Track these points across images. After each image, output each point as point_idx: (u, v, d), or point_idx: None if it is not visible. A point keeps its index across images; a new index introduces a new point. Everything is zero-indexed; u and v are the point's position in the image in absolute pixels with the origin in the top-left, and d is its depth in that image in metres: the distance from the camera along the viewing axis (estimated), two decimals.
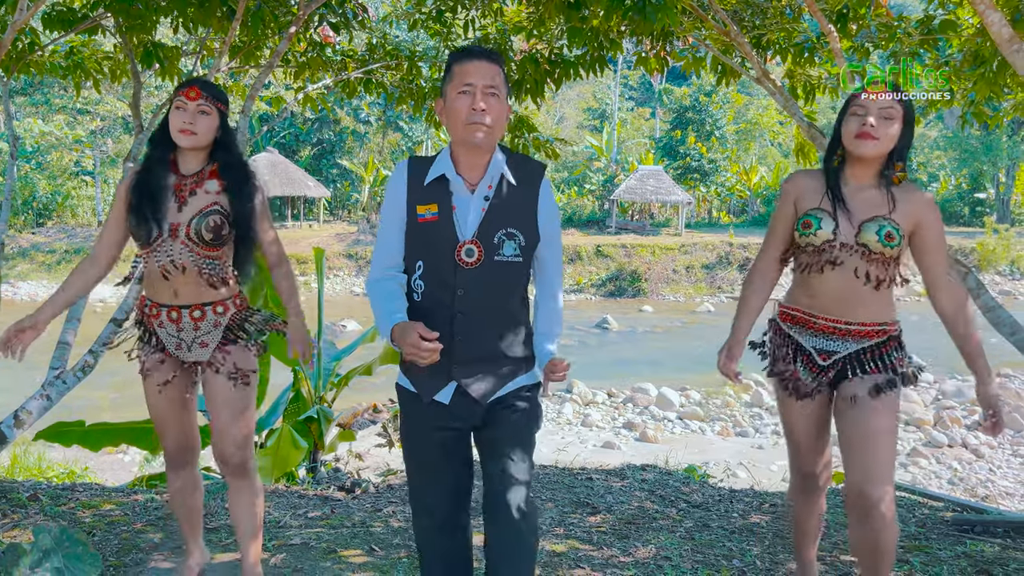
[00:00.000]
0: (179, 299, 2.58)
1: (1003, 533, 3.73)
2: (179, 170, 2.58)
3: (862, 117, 2.35)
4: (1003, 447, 11.40)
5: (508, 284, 2.16)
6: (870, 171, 2.42)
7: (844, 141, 2.39)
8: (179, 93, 2.53)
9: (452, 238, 2.10)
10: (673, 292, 27.55)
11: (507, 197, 2.15)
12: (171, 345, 2.63)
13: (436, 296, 2.13)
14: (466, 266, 2.10)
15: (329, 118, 34.72)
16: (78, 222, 32.22)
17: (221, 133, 2.58)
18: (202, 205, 2.54)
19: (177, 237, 2.52)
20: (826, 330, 2.45)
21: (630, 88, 52.12)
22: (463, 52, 2.13)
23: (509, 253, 2.12)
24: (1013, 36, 2.82)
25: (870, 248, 2.35)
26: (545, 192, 2.21)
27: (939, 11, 4.88)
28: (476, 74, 2.07)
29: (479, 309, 2.13)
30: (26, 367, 3.25)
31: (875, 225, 2.35)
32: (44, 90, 29.61)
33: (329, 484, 4.98)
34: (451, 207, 2.12)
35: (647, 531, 3.76)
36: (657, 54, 5.51)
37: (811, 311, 2.46)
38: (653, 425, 12.48)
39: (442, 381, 2.17)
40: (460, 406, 2.18)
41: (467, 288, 2.11)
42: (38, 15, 4.97)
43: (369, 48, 6.34)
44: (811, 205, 2.43)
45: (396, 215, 2.16)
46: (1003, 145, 35.65)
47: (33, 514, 3.76)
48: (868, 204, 2.39)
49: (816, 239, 2.38)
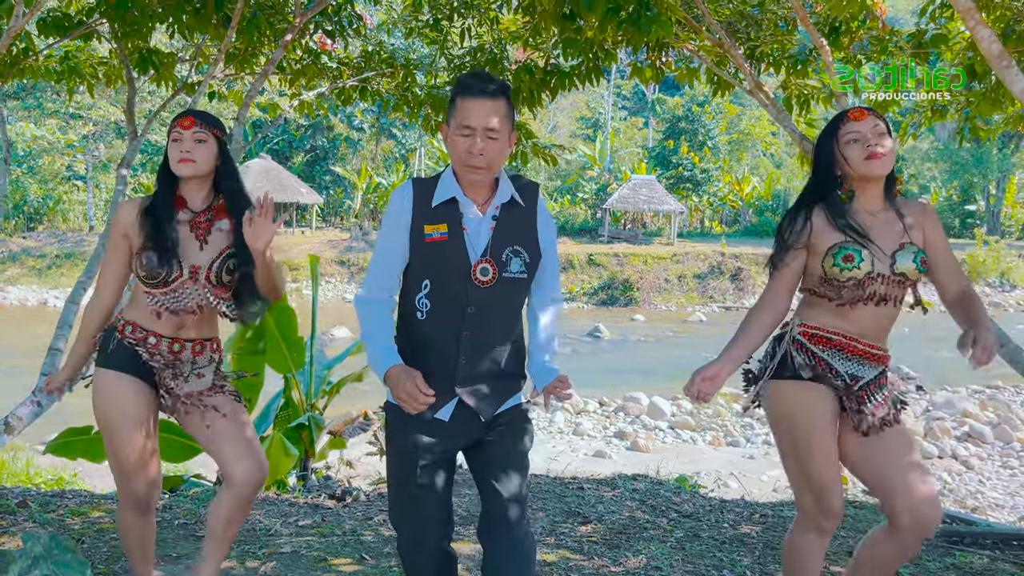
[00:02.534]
0: (182, 332, 2.51)
1: (992, 545, 3.75)
2: (188, 205, 2.50)
3: (862, 140, 2.33)
4: (993, 459, 11.44)
5: (514, 301, 2.22)
6: (877, 194, 2.40)
7: (854, 168, 2.34)
8: (174, 125, 2.47)
9: (464, 258, 2.12)
10: (665, 301, 27.60)
11: (513, 215, 2.20)
12: (167, 376, 2.51)
13: (443, 314, 2.15)
14: (481, 285, 2.13)
15: (322, 125, 34.72)
16: (69, 227, 32.12)
17: (221, 161, 2.52)
18: (221, 247, 2.48)
19: (197, 280, 2.46)
20: (863, 355, 2.39)
21: (623, 98, 52.30)
22: (467, 86, 2.11)
23: (516, 270, 2.16)
24: (1003, 52, 2.85)
25: (908, 276, 2.34)
26: (542, 209, 2.26)
27: (930, 25, 4.92)
28: (476, 116, 2.07)
29: (486, 326, 2.16)
30: (16, 373, 3.23)
31: (909, 253, 2.34)
32: (37, 94, 29.57)
33: (320, 492, 4.97)
34: (462, 228, 2.14)
35: (638, 541, 3.76)
36: (652, 64, 5.54)
37: (851, 335, 2.38)
38: (644, 434, 12.48)
39: (444, 398, 2.16)
40: (459, 423, 2.19)
41: (478, 306, 2.14)
42: (33, 20, 4.97)
43: (365, 56, 6.35)
44: (833, 240, 2.35)
45: (399, 237, 2.17)
46: (994, 158, 35.88)
47: (22, 521, 3.74)
48: (888, 232, 2.37)
49: (859, 272, 2.32)
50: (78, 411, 10.03)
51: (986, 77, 4.76)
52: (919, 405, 13.94)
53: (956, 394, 14.47)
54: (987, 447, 11.89)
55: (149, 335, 2.49)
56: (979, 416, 13.16)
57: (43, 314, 23.06)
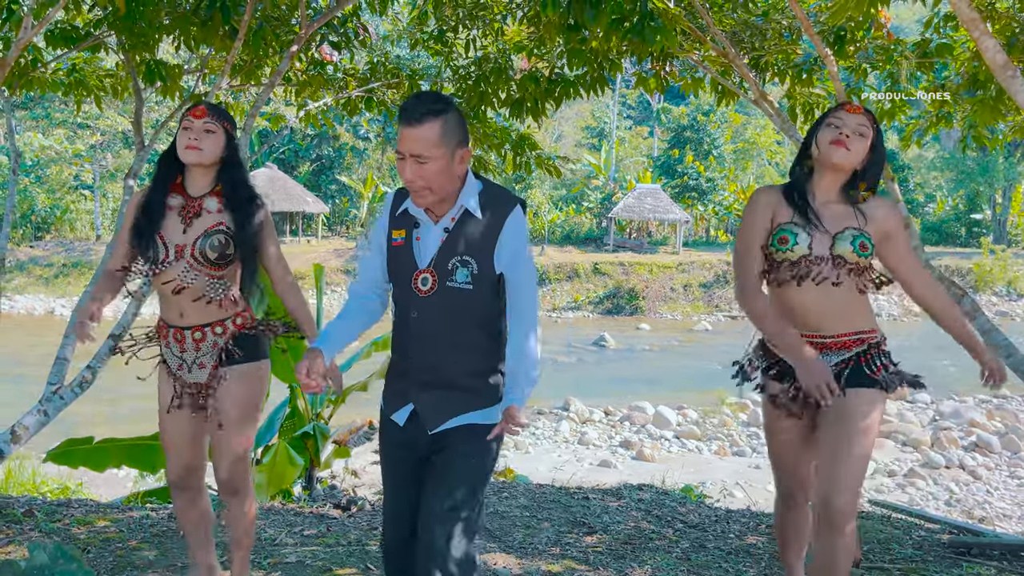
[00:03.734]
0: (184, 320, 2.61)
1: (1000, 556, 3.73)
2: (187, 191, 2.62)
3: (838, 128, 2.41)
4: (1000, 469, 11.39)
5: (462, 311, 2.15)
6: (835, 186, 2.47)
7: (819, 147, 2.44)
8: (186, 114, 2.58)
9: (411, 265, 2.18)
10: (671, 310, 27.56)
11: (468, 227, 2.16)
12: (173, 365, 2.67)
13: (400, 318, 2.23)
14: (420, 294, 2.16)
15: (328, 134, 34.82)
16: (76, 236, 32.22)
17: (227, 153, 2.61)
18: (207, 225, 2.57)
19: (183, 258, 2.55)
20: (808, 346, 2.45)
21: (628, 107, 52.37)
22: (400, 110, 2.12)
23: (461, 280, 2.13)
24: (1008, 62, 2.85)
25: (845, 259, 2.41)
26: (511, 225, 2.16)
27: (935, 35, 4.93)
28: (404, 142, 2.08)
29: (432, 334, 2.17)
30: (23, 382, 3.25)
31: (848, 236, 2.41)
32: (45, 104, 29.70)
33: (325, 501, 4.97)
34: (415, 236, 2.20)
35: (643, 551, 3.75)
36: (656, 74, 5.55)
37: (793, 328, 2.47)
38: (650, 444, 12.45)
39: (400, 401, 2.24)
40: (411, 430, 2.23)
41: (420, 312, 2.17)
42: (41, 32, 5.00)
43: (371, 67, 6.38)
44: (782, 219, 2.46)
45: (378, 239, 2.28)
46: (999, 166, 35.80)
47: (28, 530, 3.75)
48: (837, 217, 2.45)
49: (793, 254, 2.42)
50: (84, 420, 10.00)
51: (988, 86, 4.76)
52: (925, 415, 13.89)
53: (963, 404, 14.40)
54: (994, 457, 11.83)
55: (163, 326, 2.66)
56: (986, 426, 13.11)
57: (50, 323, 23.13)
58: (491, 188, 2.22)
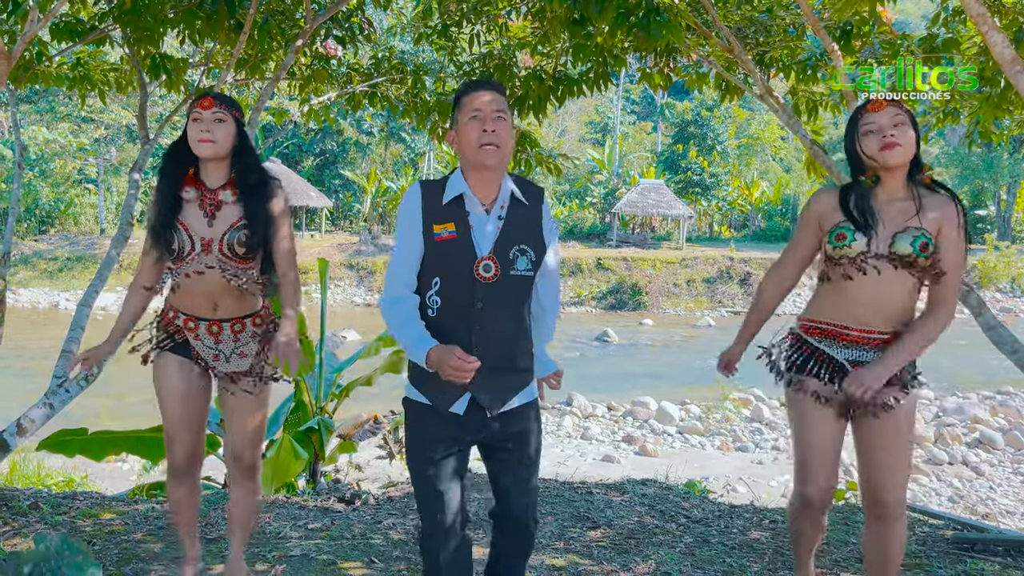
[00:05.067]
0: (218, 313, 2.64)
1: (1004, 552, 3.73)
2: (204, 184, 2.62)
3: (877, 131, 2.40)
4: (1003, 465, 11.39)
5: (520, 297, 2.28)
6: (899, 182, 2.46)
7: (870, 158, 2.42)
8: (194, 105, 2.58)
9: (471, 254, 2.20)
10: (674, 306, 27.55)
11: (518, 216, 2.27)
12: (208, 356, 2.69)
13: (453, 310, 2.23)
14: (484, 281, 2.20)
15: (332, 129, 34.83)
16: (80, 230, 32.30)
17: (239, 140, 2.62)
18: (232, 219, 2.58)
19: (211, 252, 2.57)
20: (860, 341, 2.46)
21: (632, 102, 52.29)
22: (470, 84, 2.27)
23: (522, 268, 2.24)
24: (1016, 58, 2.84)
25: (903, 258, 2.38)
26: (547, 211, 2.36)
27: (942, 30, 4.91)
28: (484, 101, 2.20)
29: (495, 321, 2.23)
30: (29, 375, 3.26)
31: (908, 236, 2.39)
32: (49, 98, 29.77)
33: (329, 495, 4.98)
34: (468, 225, 2.22)
35: (647, 546, 3.75)
36: (661, 70, 5.54)
37: (844, 323, 2.47)
38: (653, 439, 12.46)
39: (458, 392, 2.24)
40: (473, 417, 2.27)
41: (485, 301, 2.21)
42: (46, 26, 5.01)
43: (375, 62, 6.37)
44: (834, 220, 2.47)
45: (413, 236, 2.24)
46: (1004, 163, 35.72)
47: (34, 522, 3.77)
48: (899, 214, 2.43)
49: (851, 251, 2.41)
50: (90, 413, 10.00)
51: (995, 81, 4.74)
52: (929, 411, 13.88)
53: (966, 400, 14.40)
54: (998, 453, 11.83)
55: (189, 319, 2.66)
56: (990, 422, 13.10)
57: (55, 317, 23.21)
58: (517, 178, 2.34)
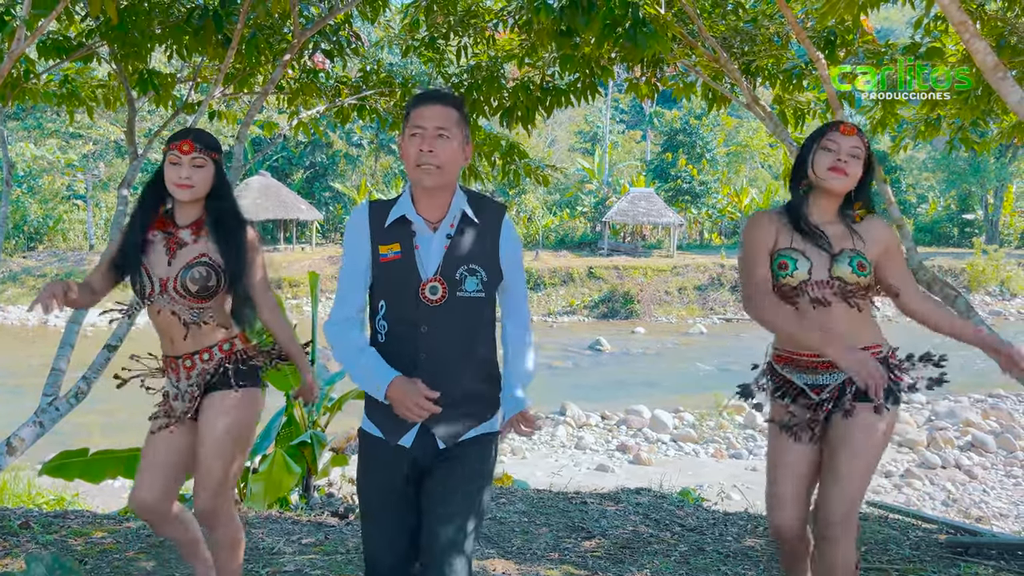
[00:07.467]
0: (175, 349, 2.58)
1: (997, 555, 3.74)
2: (173, 221, 2.57)
3: (835, 153, 2.42)
4: (996, 468, 11.43)
5: (472, 321, 2.14)
6: (832, 207, 2.50)
7: (816, 172, 2.45)
8: (172, 147, 2.49)
9: (415, 276, 2.10)
10: (666, 313, 27.59)
11: (468, 235, 2.15)
12: (171, 395, 2.62)
13: (400, 336, 2.12)
14: (430, 303, 2.09)
15: (322, 141, 34.82)
16: (69, 246, 32.13)
17: (216, 182, 2.55)
18: (189, 257, 2.52)
19: (166, 291, 2.51)
20: (811, 365, 2.46)
21: (621, 111, 52.47)
22: (418, 97, 2.16)
23: (471, 288, 2.11)
24: (998, 64, 2.88)
25: (845, 280, 2.41)
26: (507, 230, 2.20)
27: (925, 38, 4.96)
28: (427, 117, 2.09)
29: (444, 347, 2.10)
30: (18, 393, 3.24)
31: (846, 257, 2.42)
32: (36, 114, 29.63)
33: (323, 510, 4.96)
34: (414, 246, 2.12)
35: (642, 555, 3.75)
36: (648, 80, 5.57)
37: (796, 349, 2.48)
38: (647, 447, 12.46)
39: (405, 424, 2.11)
40: (420, 449, 2.13)
41: (431, 325, 2.09)
42: (34, 43, 5.00)
43: (363, 75, 6.39)
44: (783, 244, 2.46)
45: (358, 257, 2.16)
46: (991, 167, 35.95)
47: (25, 542, 3.74)
48: (835, 238, 2.46)
49: (793, 280, 2.43)
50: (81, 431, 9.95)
51: (974, 87, 4.79)
52: (921, 415, 13.93)
53: (958, 403, 14.46)
54: (990, 456, 11.88)
55: (165, 359, 2.64)
56: (982, 425, 13.15)
57: (44, 334, 23.05)
58: (474, 195, 2.22)
